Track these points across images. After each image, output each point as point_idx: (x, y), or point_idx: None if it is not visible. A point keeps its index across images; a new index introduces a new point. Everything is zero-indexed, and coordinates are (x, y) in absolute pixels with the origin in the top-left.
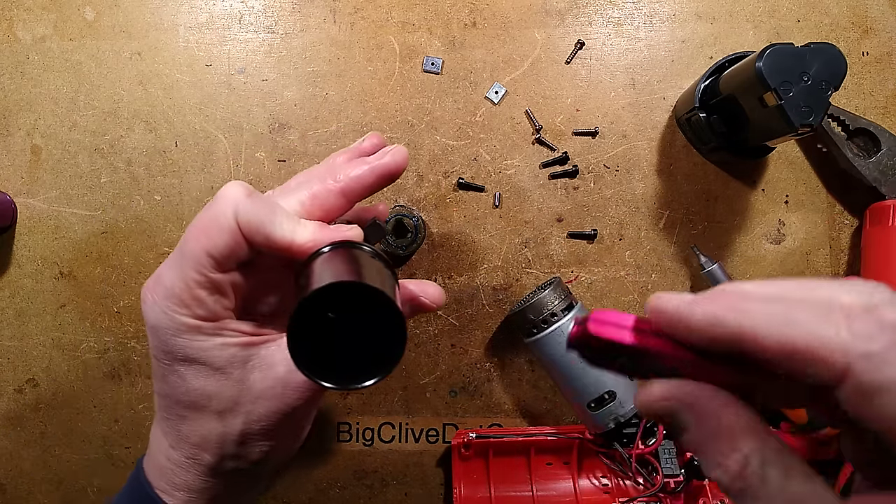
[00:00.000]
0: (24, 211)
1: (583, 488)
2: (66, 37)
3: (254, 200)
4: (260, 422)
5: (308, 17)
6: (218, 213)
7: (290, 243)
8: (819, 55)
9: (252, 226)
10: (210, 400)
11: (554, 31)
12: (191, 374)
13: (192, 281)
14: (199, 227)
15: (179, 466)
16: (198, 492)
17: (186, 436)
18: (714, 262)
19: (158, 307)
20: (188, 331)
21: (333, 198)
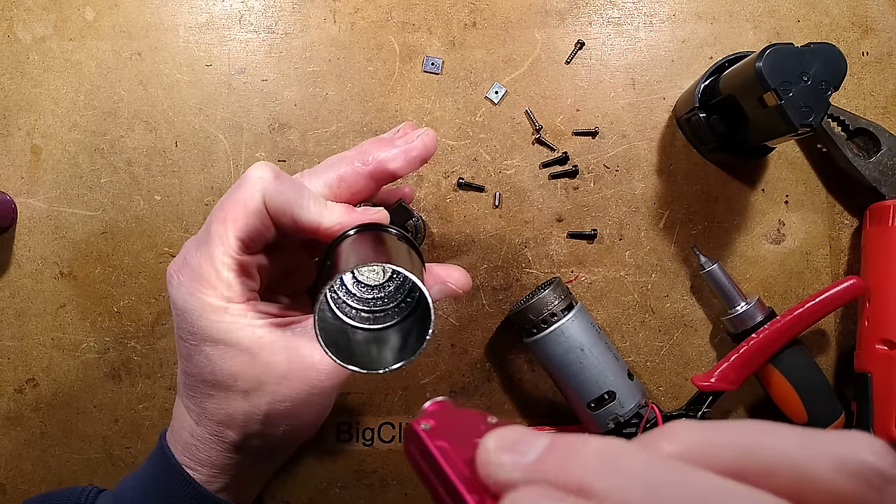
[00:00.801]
0: (24, 211)
1: None
2: (66, 37)
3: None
4: (284, 402)
5: (308, 17)
6: (245, 196)
7: (318, 226)
8: (819, 55)
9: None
10: (236, 380)
11: (554, 31)
12: (217, 354)
13: (219, 263)
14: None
15: (203, 443)
16: (221, 467)
17: (211, 413)
18: (714, 262)
19: (185, 289)
20: (215, 312)
21: (362, 180)
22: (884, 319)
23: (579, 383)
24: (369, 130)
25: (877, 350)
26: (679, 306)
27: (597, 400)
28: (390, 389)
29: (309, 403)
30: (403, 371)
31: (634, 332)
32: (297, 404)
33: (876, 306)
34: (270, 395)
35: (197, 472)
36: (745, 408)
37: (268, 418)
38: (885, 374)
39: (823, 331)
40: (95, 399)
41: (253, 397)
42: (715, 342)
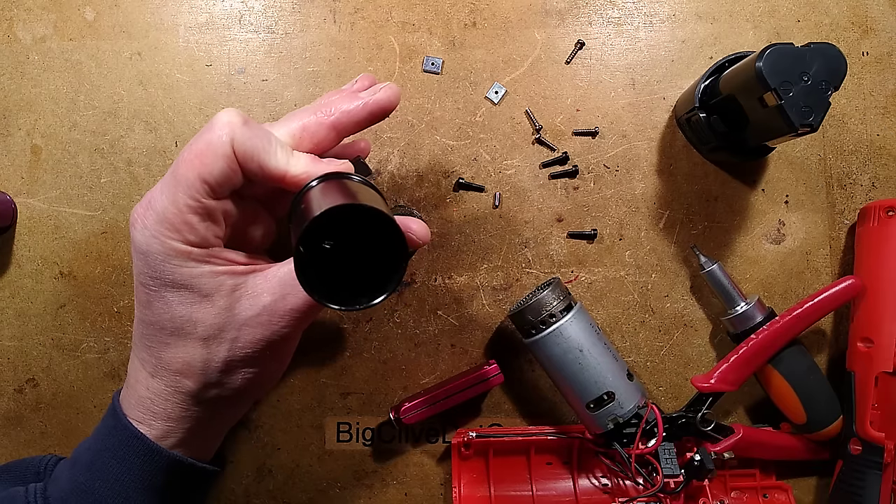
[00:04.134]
0: (24, 211)
1: (583, 488)
2: (66, 37)
3: (250, 128)
4: (245, 349)
5: (308, 17)
6: (213, 139)
7: (285, 173)
8: (819, 55)
9: (247, 153)
10: (195, 326)
11: (554, 31)
12: (177, 299)
13: (184, 206)
14: (193, 152)
15: (159, 395)
16: (177, 420)
17: (168, 362)
18: (714, 262)
19: (149, 231)
20: (178, 256)
21: (324, 131)
22: (865, 318)
23: (578, 384)
24: (369, 130)
25: (858, 348)
26: (679, 306)
27: (596, 400)
28: (390, 389)
29: (270, 351)
30: (403, 371)
31: (634, 332)
32: (257, 351)
33: (859, 305)
34: (230, 341)
35: (152, 428)
36: (744, 408)
37: (227, 366)
38: (865, 373)
39: (823, 331)
40: (95, 399)
41: (212, 344)
42: (715, 342)
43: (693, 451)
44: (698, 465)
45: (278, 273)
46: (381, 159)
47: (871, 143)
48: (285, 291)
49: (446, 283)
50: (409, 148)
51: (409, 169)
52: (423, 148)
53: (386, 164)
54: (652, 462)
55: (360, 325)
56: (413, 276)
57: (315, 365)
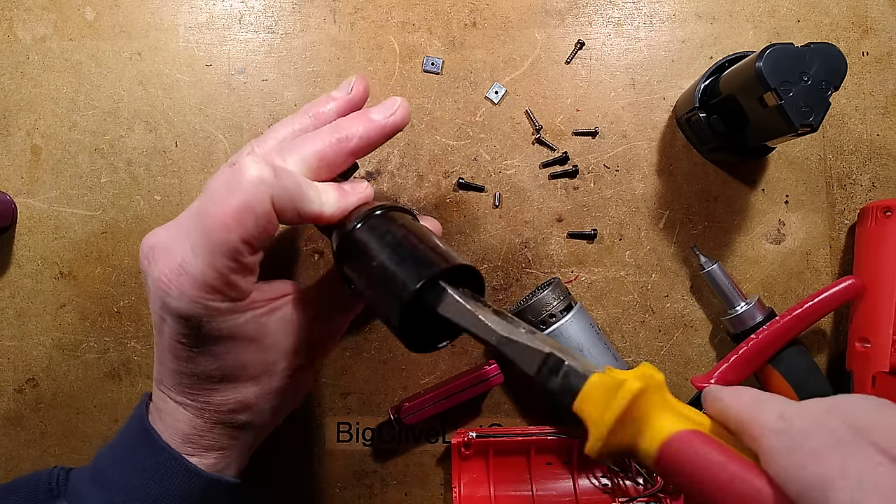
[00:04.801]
0: (24, 211)
1: (583, 488)
2: (66, 37)
3: (282, 179)
4: (292, 374)
5: (308, 17)
6: (253, 201)
7: (320, 215)
8: (819, 55)
9: (285, 206)
10: (245, 369)
11: (554, 31)
12: (224, 350)
13: (225, 269)
14: (229, 214)
15: (208, 432)
16: (228, 448)
17: (218, 405)
18: (714, 262)
19: (188, 297)
20: (221, 314)
21: (342, 158)
22: (863, 318)
23: None
24: None
25: (856, 348)
26: (679, 306)
27: None
28: (390, 389)
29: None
30: (403, 371)
31: (634, 332)
32: (301, 372)
33: (857, 305)
34: (280, 372)
35: (202, 458)
36: None
37: (277, 393)
38: (862, 372)
39: (823, 331)
40: (95, 399)
41: (262, 380)
42: (715, 342)
43: None
44: None
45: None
46: (381, 159)
47: (871, 143)
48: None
49: None
50: (409, 148)
51: (409, 169)
52: (423, 148)
53: (386, 164)
54: None
55: (360, 325)
56: None
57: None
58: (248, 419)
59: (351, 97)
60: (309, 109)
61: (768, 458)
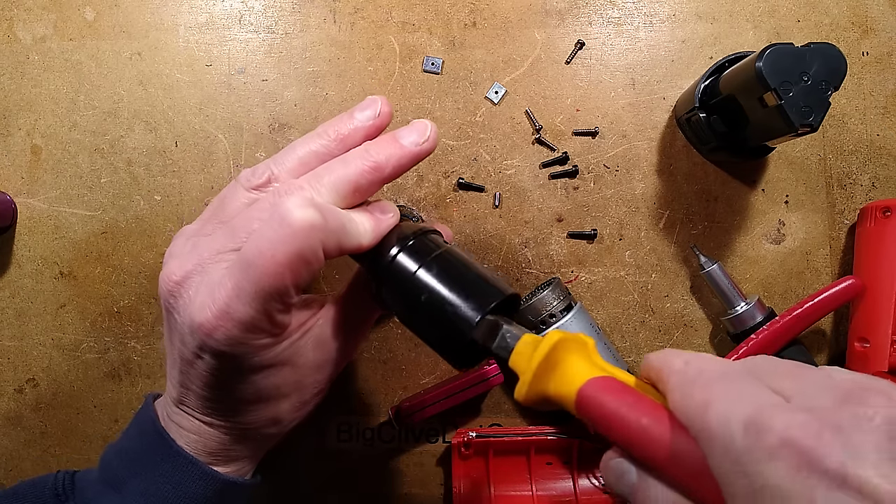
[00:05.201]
0: (24, 211)
1: (583, 488)
2: (66, 37)
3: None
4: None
5: (308, 17)
6: (306, 250)
7: (360, 247)
8: (819, 55)
9: (331, 246)
10: (279, 389)
11: (554, 31)
12: (261, 378)
13: (274, 310)
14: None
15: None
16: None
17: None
18: (714, 262)
19: (235, 339)
20: (265, 349)
21: (376, 188)
22: (862, 318)
23: None
24: None
25: (855, 348)
26: (679, 306)
27: None
28: (390, 389)
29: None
30: (403, 371)
31: (634, 332)
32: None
33: (857, 305)
34: (311, 386)
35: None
36: None
37: (305, 405)
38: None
39: (823, 331)
40: (95, 399)
41: (294, 396)
42: (715, 342)
43: None
44: None
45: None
46: None
47: (871, 143)
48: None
49: None
50: None
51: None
52: None
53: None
54: None
55: None
56: None
57: None
58: (277, 430)
59: (379, 121)
60: (329, 130)
61: (669, 396)
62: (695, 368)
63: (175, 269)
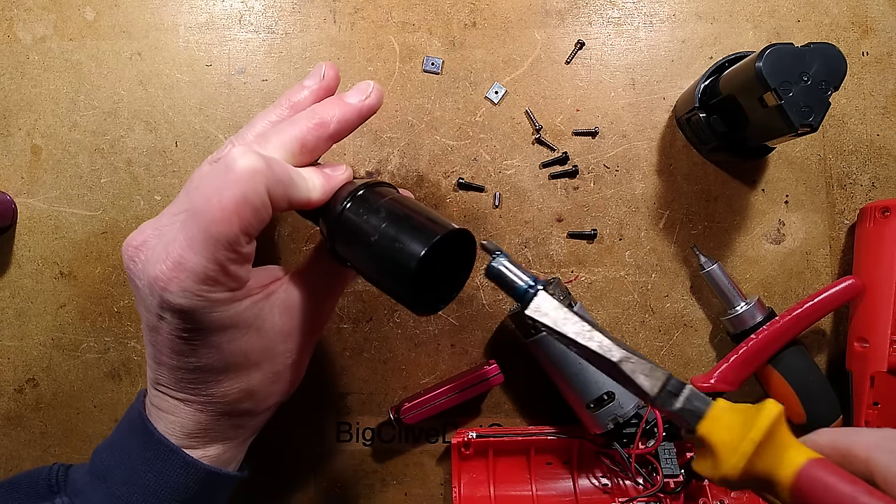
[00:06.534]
0: (24, 211)
1: (583, 488)
2: (66, 37)
3: (273, 169)
4: (293, 356)
5: (308, 17)
6: (248, 192)
7: (309, 201)
8: (819, 55)
9: (279, 196)
10: (247, 356)
11: (554, 31)
12: (225, 339)
13: (226, 261)
14: (227, 206)
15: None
16: (232, 438)
17: (222, 396)
18: (714, 262)
19: (190, 292)
20: (222, 305)
21: (323, 143)
22: (862, 318)
23: (578, 384)
24: (369, 130)
25: (855, 348)
26: (679, 306)
27: (596, 400)
28: (390, 389)
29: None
30: (403, 371)
31: (634, 332)
32: (301, 353)
33: (857, 305)
34: (281, 354)
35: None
36: None
37: (278, 376)
38: (861, 372)
39: (823, 331)
40: (95, 399)
41: (265, 364)
42: (715, 342)
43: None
44: None
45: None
46: (381, 159)
47: (871, 143)
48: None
49: None
50: (409, 148)
51: (409, 169)
52: (423, 148)
53: (386, 164)
54: (652, 462)
55: (360, 325)
56: None
57: (315, 365)
58: (252, 406)
59: (324, 83)
60: (283, 100)
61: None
62: None
63: (135, 236)
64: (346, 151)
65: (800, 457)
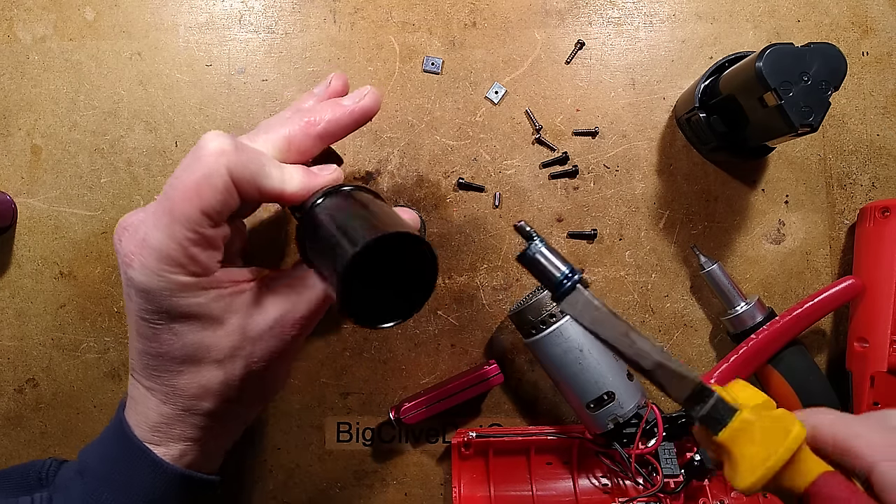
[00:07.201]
0: (24, 211)
1: (583, 488)
2: (66, 37)
3: (242, 152)
4: (260, 362)
5: (308, 17)
6: (210, 171)
7: (282, 193)
8: (819, 55)
9: (244, 179)
10: (209, 351)
11: (554, 31)
12: (187, 329)
13: (186, 241)
14: (189, 185)
15: (175, 419)
16: (194, 439)
17: (183, 389)
18: (714, 262)
19: (150, 270)
20: (184, 289)
21: (310, 141)
22: (861, 318)
23: (578, 384)
24: (369, 130)
25: (854, 348)
26: (679, 306)
27: (596, 400)
28: (390, 389)
29: (282, 358)
30: (403, 371)
31: None
32: (271, 362)
33: (857, 305)
34: (245, 357)
35: (169, 449)
36: None
37: (243, 381)
38: (861, 372)
39: (823, 331)
40: (95, 399)
41: (227, 364)
42: (715, 342)
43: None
44: (698, 465)
45: (282, 283)
46: (381, 159)
47: (871, 143)
48: (292, 300)
49: (446, 283)
50: (409, 148)
51: (409, 169)
52: (423, 148)
53: (386, 164)
54: (652, 462)
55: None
56: None
57: (315, 365)
58: (213, 407)
59: (330, 89)
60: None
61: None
62: None
63: (126, 217)
64: (346, 151)
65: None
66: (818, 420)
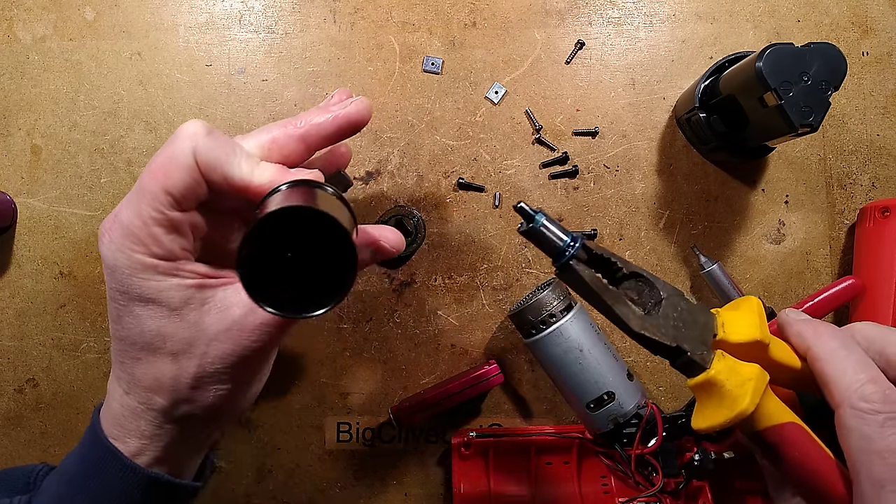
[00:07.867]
0: (24, 211)
1: (583, 488)
2: (66, 37)
3: (213, 138)
4: (214, 364)
5: (308, 17)
6: (176, 151)
7: (248, 183)
8: (819, 55)
9: (210, 164)
10: (164, 341)
11: (554, 31)
12: (146, 314)
13: (148, 218)
14: (157, 164)
15: (132, 412)
16: (150, 437)
17: (139, 379)
18: (714, 262)
19: (115, 245)
20: (144, 270)
21: (293, 143)
22: (862, 318)
23: (578, 384)
24: (369, 130)
25: None
26: None
27: (596, 400)
28: (390, 389)
29: (242, 367)
30: (403, 371)
31: None
32: (228, 366)
33: (857, 305)
34: (199, 356)
35: (127, 445)
36: None
37: (196, 381)
38: None
39: None
40: (95, 399)
41: (182, 359)
42: None
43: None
44: (698, 465)
45: None
46: (381, 159)
47: (871, 143)
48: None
49: (446, 283)
50: (409, 148)
51: (409, 169)
52: (423, 148)
53: (386, 164)
54: (652, 462)
55: (360, 325)
56: (413, 276)
57: (315, 365)
58: (166, 404)
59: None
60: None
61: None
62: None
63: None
64: None
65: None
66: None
